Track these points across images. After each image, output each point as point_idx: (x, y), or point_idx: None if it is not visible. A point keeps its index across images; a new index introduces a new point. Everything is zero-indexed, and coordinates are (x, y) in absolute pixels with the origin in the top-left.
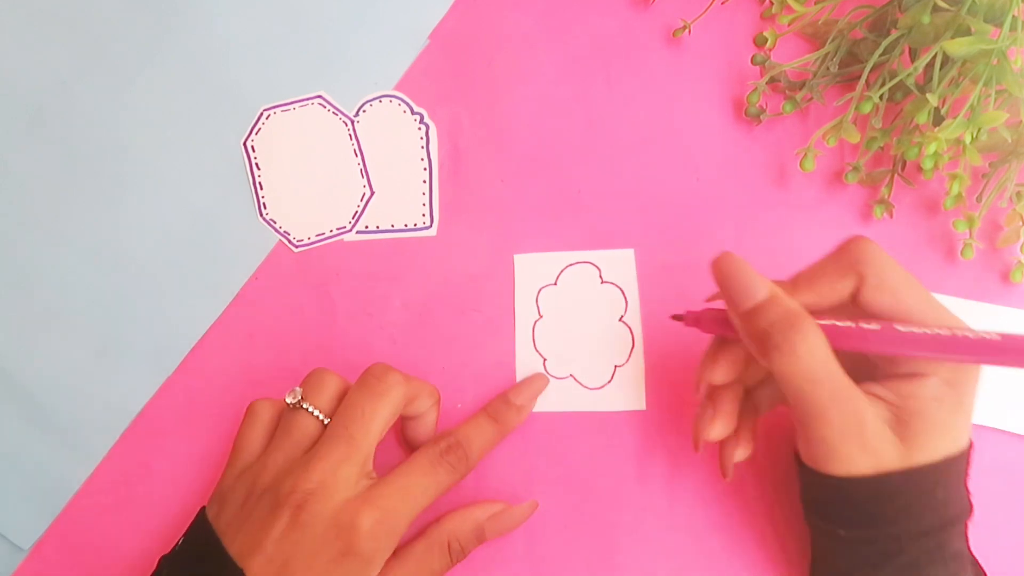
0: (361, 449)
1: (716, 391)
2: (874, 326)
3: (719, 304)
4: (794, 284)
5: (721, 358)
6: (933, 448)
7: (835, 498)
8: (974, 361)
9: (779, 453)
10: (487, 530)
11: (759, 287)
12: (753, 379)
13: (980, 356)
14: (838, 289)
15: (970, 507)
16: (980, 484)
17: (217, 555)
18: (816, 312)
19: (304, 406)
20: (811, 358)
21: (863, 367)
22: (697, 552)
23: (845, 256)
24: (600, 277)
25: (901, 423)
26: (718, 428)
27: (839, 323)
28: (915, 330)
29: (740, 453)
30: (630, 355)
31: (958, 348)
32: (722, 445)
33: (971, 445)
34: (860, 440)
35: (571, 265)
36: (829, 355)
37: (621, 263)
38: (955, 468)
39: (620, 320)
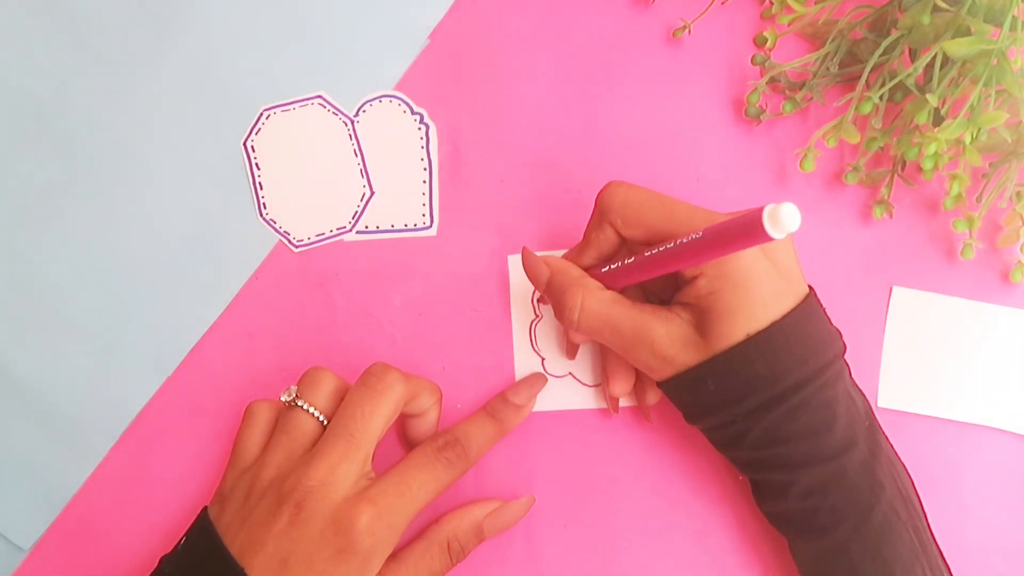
0: (361, 448)
1: (603, 354)
2: (630, 260)
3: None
4: (577, 248)
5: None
6: (727, 334)
7: (675, 402)
8: (705, 259)
9: None
10: (486, 528)
11: (541, 267)
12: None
13: (702, 254)
14: (604, 239)
15: (818, 369)
16: (980, 484)
17: (218, 554)
18: (607, 260)
19: (300, 404)
20: (585, 314)
21: (674, 280)
22: (698, 551)
23: (596, 209)
24: None
25: (699, 322)
26: (617, 386)
27: (608, 268)
28: (654, 251)
29: (651, 396)
30: None
31: (686, 254)
32: (635, 396)
33: (794, 310)
34: (654, 353)
35: None
36: (604, 302)
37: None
38: (770, 340)
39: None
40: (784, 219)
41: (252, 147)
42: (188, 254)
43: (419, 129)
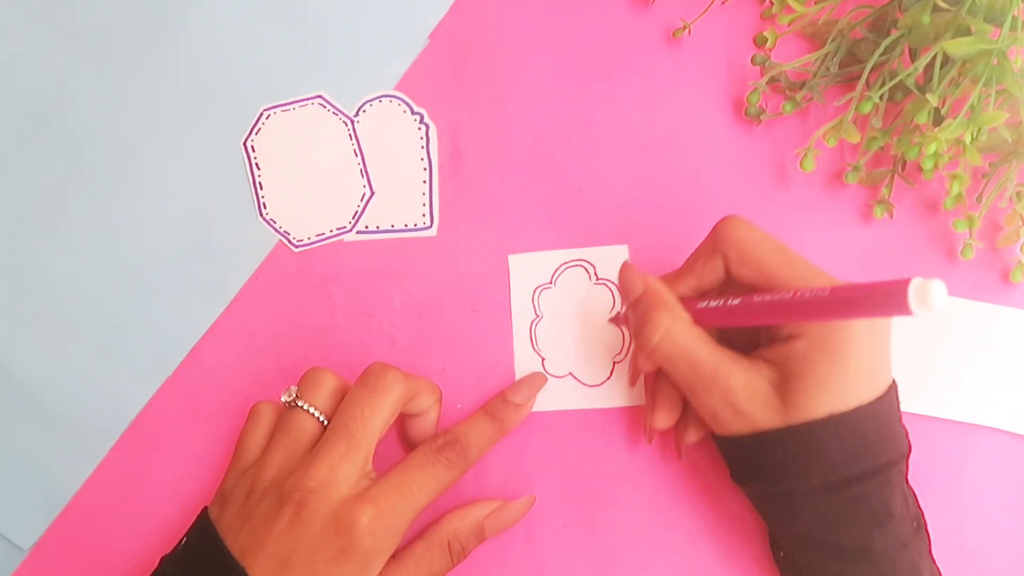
0: (361, 448)
1: (655, 382)
2: (735, 300)
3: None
4: (676, 273)
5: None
6: (810, 406)
7: (728, 457)
8: (821, 319)
9: None
10: (487, 528)
11: (637, 282)
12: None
13: (821, 313)
14: (710, 270)
15: (886, 464)
16: (980, 484)
17: (219, 554)
18: (704, 295)
19: (300, 404)
20: (667, 341)
21: (762, 334)
22: (698, 551)
23: (712, 238)
24: (596, 275)
25: (783, 384)
26: (661, 418)
27: (707, 304)
28: (767, 298)
29: (691, 435)
30: (628, 350)
31: (802, 309)
32: (674, 430)
33: (880, 399)
34: (727, 402)
35: (567, 264)
36: (689, 334)
37: (616, 260)
38: (851, 425)
39: (617, 317)
40: (933, 297)
41: (252, 147)
42: (188, 254)
43: (419, 129)
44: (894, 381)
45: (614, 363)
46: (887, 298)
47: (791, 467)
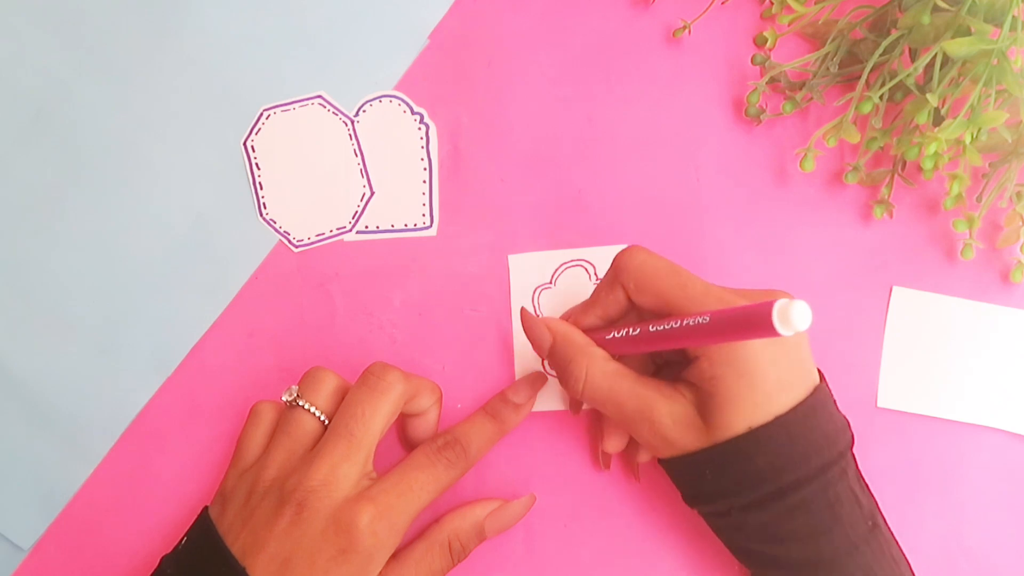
0: (362, 447)
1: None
2: (635, 331)
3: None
4: (583, 305)
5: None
6: (728, 424)
7: (674, 481)
8: (708, 343)
9: None
10: (487, 527)
11: (543, 333)
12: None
13: (706, 338)
14: (613, 300)
15: (821, 467)
16: (980, 484)
17: (219, 554)
18: (613, 323)
19: (301, 404)
20: (588, 381)
21: (678, 355)
22: (698, 551)
23: (612, 269)
24: (595, 274)
25: (702, 405)
26: (611, 443)
27: (613, 335)
28: (659, 327)
29: (642, 456)
30: None
31: (689, 335)
32: (624, 453)
33: (800, 404)
34: (654, 432)
35: (567, 264)
36: (608, 376)
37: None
38: (773, 435)
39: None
40: (794, 317)
41: (252, 147)
42: (188, 254)
43: (419, 129)
44: (820, 382)
45: None
46: (756, 321)
47: (724, 485)
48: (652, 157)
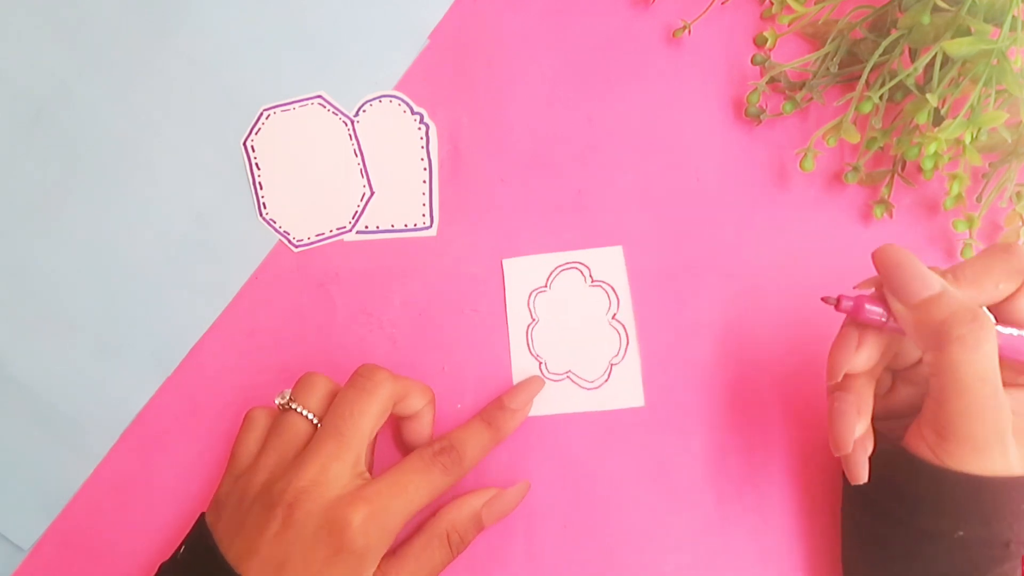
0: (351, 447)
1: (853, 383)
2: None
3: (869, 291)
4: (956, 277)
5: (865, 345)
6: None
7: (965, 497)
8: None
9: (778, 453)
10: (484, 516)
11: (933, 279)
12: (892, 368)
13: None
14: (1000, 291)
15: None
16: None
17: (215, 562)
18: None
19: (293, 406)
20: (989, 355)
21: None
22: (698, 551)
23: (1015, 259)
24: (591, 277)
25: (1019, 432)
26: (864, 423)
27: (1004, 328)
28: None
29: (869, 446)
30: (625, 352)
31: None
32: (857, 442)
33: None
34: (1001, 442)
35: (561, 267)
36: (997, 355)
37: (610, 260)
38: None
39: (613, 318)
40: None
41: (252, 147)
42: (188, 254)
43: (419, 129)
44: None
45: (611, 365)
46: None
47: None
48: (652, 157)
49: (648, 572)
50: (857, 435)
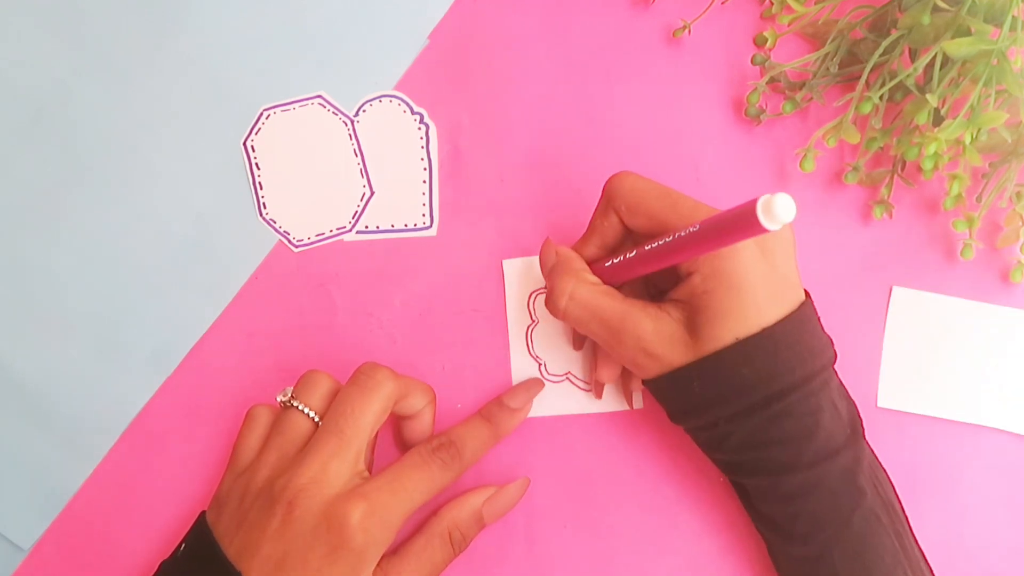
0: (352, 444)
1: (593, 343)
2: (632, 253)
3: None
4: (581, 238)
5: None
6: (716, 336)
7: (659, 400)
8: (701, 251)
9: None
10: (485, 514)
11: (551, 255)
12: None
13: (699, 247)
14: (609, 227)
15: (804, 378)
16: (980, 484)
17: (216, 559)
18: (613, 252)
19: (295, 404)
20: (573, 303)
21: (669, 277)
22: (698, 551)
23: (604, 196)
24: None
25: (690, 321)
26: (604, 373)
27: (611, 261)
28: (655, 244)
29: (635, 384)
30: None
31: (683, 247)
32: (621, 382)
33: (788, 317)
34: (640, 348)
35: None
36: (592, 292)
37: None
38: (760, 346)
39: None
40: (778, 210)
41: (252, 147)
42: (188, 254)
43: (419, 129)
44: (807, 298)
45: None
46: (743, 219)
47: (710, 397)
48: (652, 157)
49: (648, 572)
50: (605, 380)
